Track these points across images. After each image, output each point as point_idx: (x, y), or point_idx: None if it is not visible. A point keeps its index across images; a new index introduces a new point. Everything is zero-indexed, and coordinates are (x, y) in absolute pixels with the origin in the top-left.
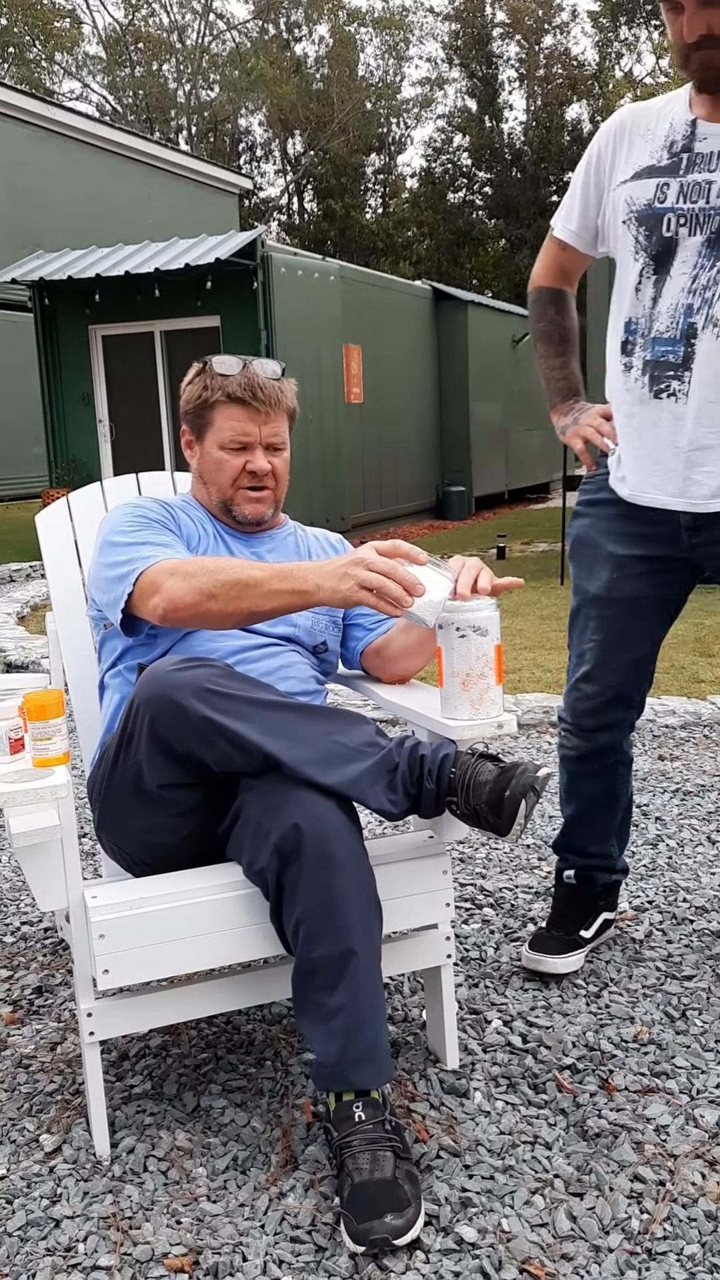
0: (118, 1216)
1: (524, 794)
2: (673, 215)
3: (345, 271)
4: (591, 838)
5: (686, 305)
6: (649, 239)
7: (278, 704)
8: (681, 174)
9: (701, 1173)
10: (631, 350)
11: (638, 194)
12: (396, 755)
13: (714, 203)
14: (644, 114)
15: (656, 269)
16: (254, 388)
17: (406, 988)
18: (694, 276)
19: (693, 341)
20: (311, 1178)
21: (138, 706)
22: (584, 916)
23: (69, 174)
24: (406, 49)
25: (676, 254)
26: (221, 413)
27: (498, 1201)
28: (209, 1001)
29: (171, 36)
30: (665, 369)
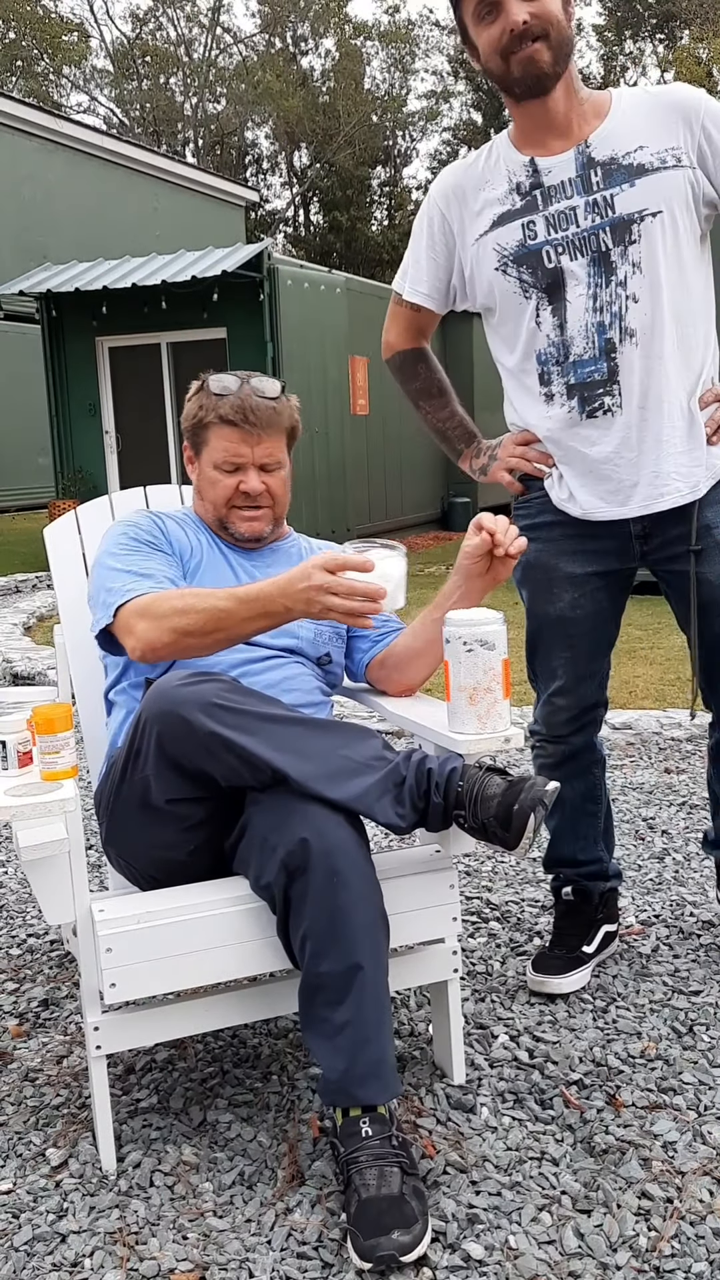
0: (124, 1231)
1: (533, 808)
2: (549, 247)
3: (351, 283)
4: (579, 845)
5: (598, 324)
6: (534, 275)
7: (285, 718)
8: (541, 208)
9: (710, 1190)
10: (550, 380)
11: (505, 239)
12: (404, 769)
13: (584, 225)
14: (469, 170)
15: (552, 300)
16: (246, 410)
17: (413, 1002)
18: (594, 296)
19: (614, 355)
20: (318, 1193)
21: (145, 721)
22: (585, 932)
23: (76, 186)
24: (412, 62)
25: (566, 282)
26: (216, 433)
27: (505, 1218)
28: (215, 1015)
29: (179, 50)
30: (594, 388)
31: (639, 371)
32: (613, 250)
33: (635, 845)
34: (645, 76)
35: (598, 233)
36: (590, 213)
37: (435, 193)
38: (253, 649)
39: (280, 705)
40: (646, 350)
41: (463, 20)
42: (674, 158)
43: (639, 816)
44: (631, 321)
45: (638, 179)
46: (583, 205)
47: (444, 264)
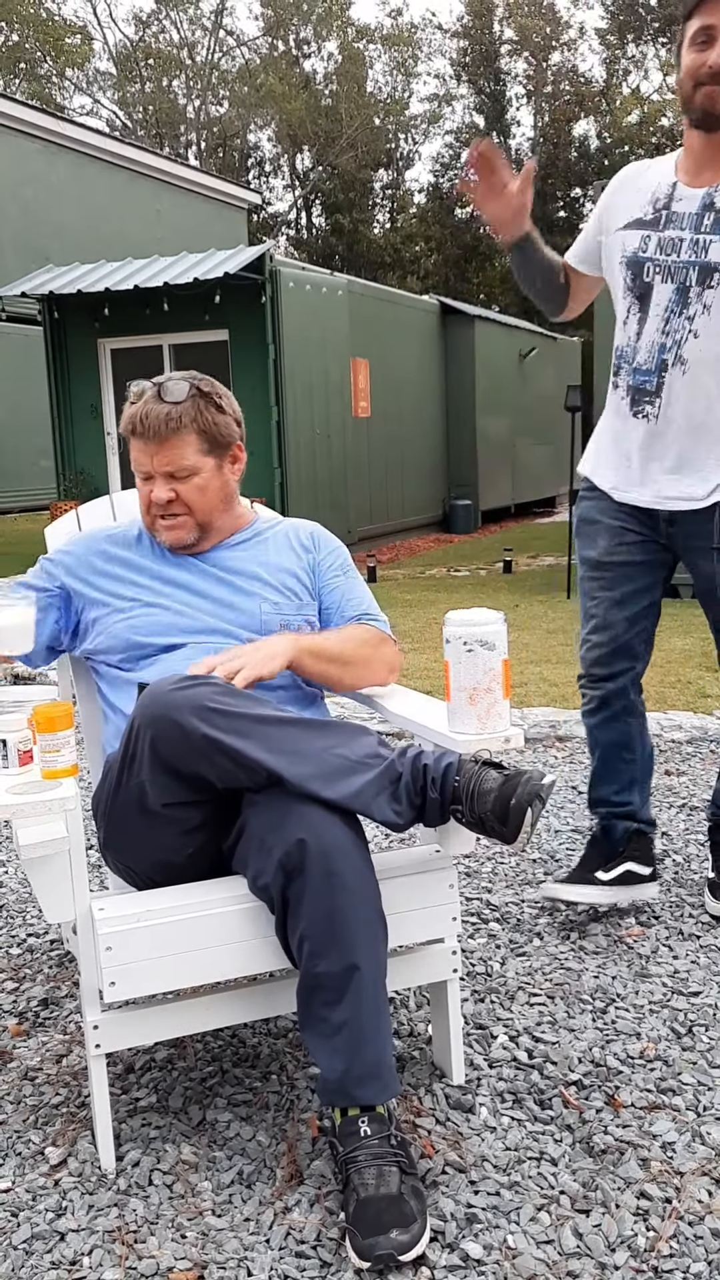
0: (123, 1230)
1: (529, 802)
2: (651, 264)
3: (353, 286)
4: (614, 787)
5: (660, 344)
6: (634, 281)
7: (278, 719)
8: (660, 229)
9: (708, 1190)
10: (619, 373)
11: (629, 241)
12: (399, 766)
13: (684, 257)
14: (640, 172)
15: (640, 308)
16: (136, 421)
17: (413, 1002)
18: (666, 320)
19: (664, 375)
20: (317, 1193)
21: (138, 727)
22: (604, 861)
23: (79, 189)
24: (415, 65)
25: (653, 298)
26: (131, 444)
27: (503, 1218)
28: (215, 1015)
29: (182, 53)
30: (643, 394)
31: (681, 395)
32: (693, 288)
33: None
34: (648, 80)
35: (688, 268)
36: (691, 249)
37: (617, 176)
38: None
39: (272, 706)
40: (692, 379)
41: (683, 36)
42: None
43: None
44: (687, 352)
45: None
46: (688, 240)
47: (592, 240)
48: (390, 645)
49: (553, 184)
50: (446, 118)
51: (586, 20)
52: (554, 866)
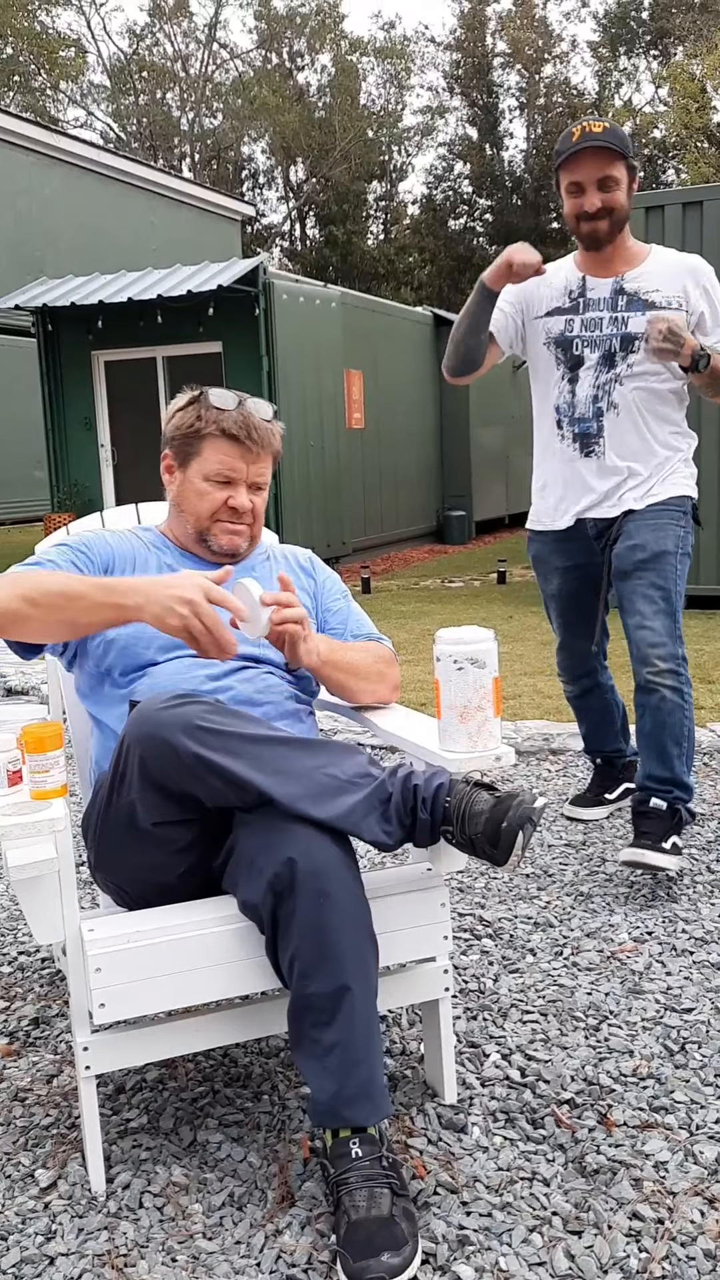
0: (113, 1254)
1: (521, 825)
2: (579, 340)
3: (347, 298)
4: (604, 740)
5: (593, 396)
6: (565, 356)
7: (268, 738)
8: (581, 312)
9: (701, 1210)
10: (563, 426)
11: (552, 326)
12: (390, 785)
13: (605, 332)
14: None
15: (572, 375)
16: (249, 427)
17: (405, 1020)
18: (596, 378)
19: (601, 420)
20: (308, 1215)
21: (128, 745)
22: (609, 785)
23: (73, 201)
24: (408, 78)
25: (584, 365)
26: (212, 445)
27: (495, 1239)
28: (206, 1035)
29: (175, 65)
30: (589, 438)
31: (616, 432)
32: (618, 354)
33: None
34: (639, 93)
35: (612, 339)
36: (611, 325)
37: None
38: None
39: (264, 725)
40: (621, 418)
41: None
42: (677, 301)
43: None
44: (615, 398)
45: (648, 310)
46: (608, 319)
47: (517, 320)
48: (396, 667)
49: (545, 195)
50: (440, 130)
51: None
52: (547, 882)
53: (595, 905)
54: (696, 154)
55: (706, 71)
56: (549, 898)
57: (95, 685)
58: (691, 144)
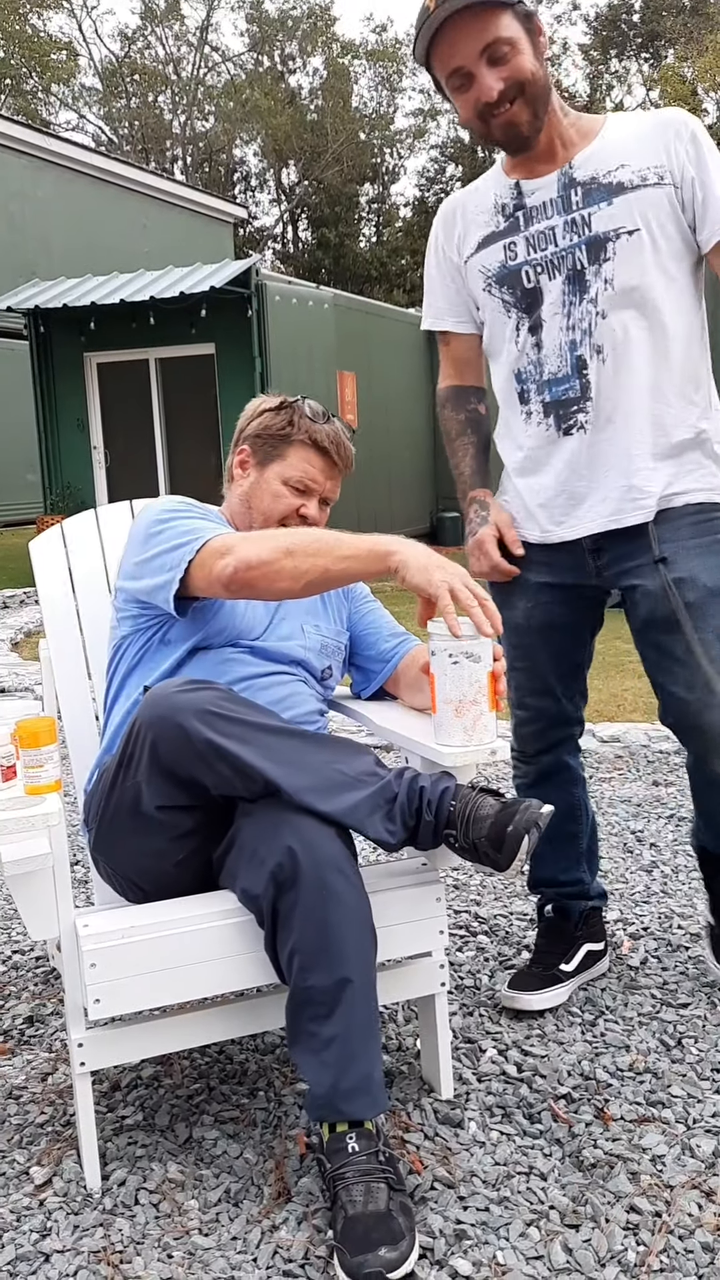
0: (108, 1250)
1: (527, 830)
2: (529, 267)
3: (339, 299)
4: (560, 865)
5: (570, 341)
6: (514, 294)
7: (280, 730)
8: (523, 229)
9: (698, 1203)
10: (529, 398)
11: (488, 260)
12: (396, 786)
13: (561, 245)
14: (468, 196)
15: (530, 318)
16: (339, 444)
17: (401, 1016)
18: (567, 314)
19: (585, 373)
20: (305, 1210)
21: (139, 728)
22: (564, 950)
23: (65, 204)
24: (400, 80)
25: (543, 300)
26: (299, 452)
27: (493, 1234)
28: (201, 1031)
29: (167, 68)
30: (568, 406)
31: (608, 388)
32: (587, 269)
33: (624, 858)
34: (631, 95)
35: (574, 251)
36: (568, 232)
37: (438, 217)
38: (260, 663)
39: (276, 717)
40: (615, 366)
41: (441, 88)
42: (655, 175)
43: (627, 829)
44: (599, 338)
45: (615, 197)
46: (561, 225)
47: (455, 284)
48: None
49: None
50: (431, 132)
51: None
52: None
53: None
54: None
55: (698, 74)
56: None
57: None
58: None
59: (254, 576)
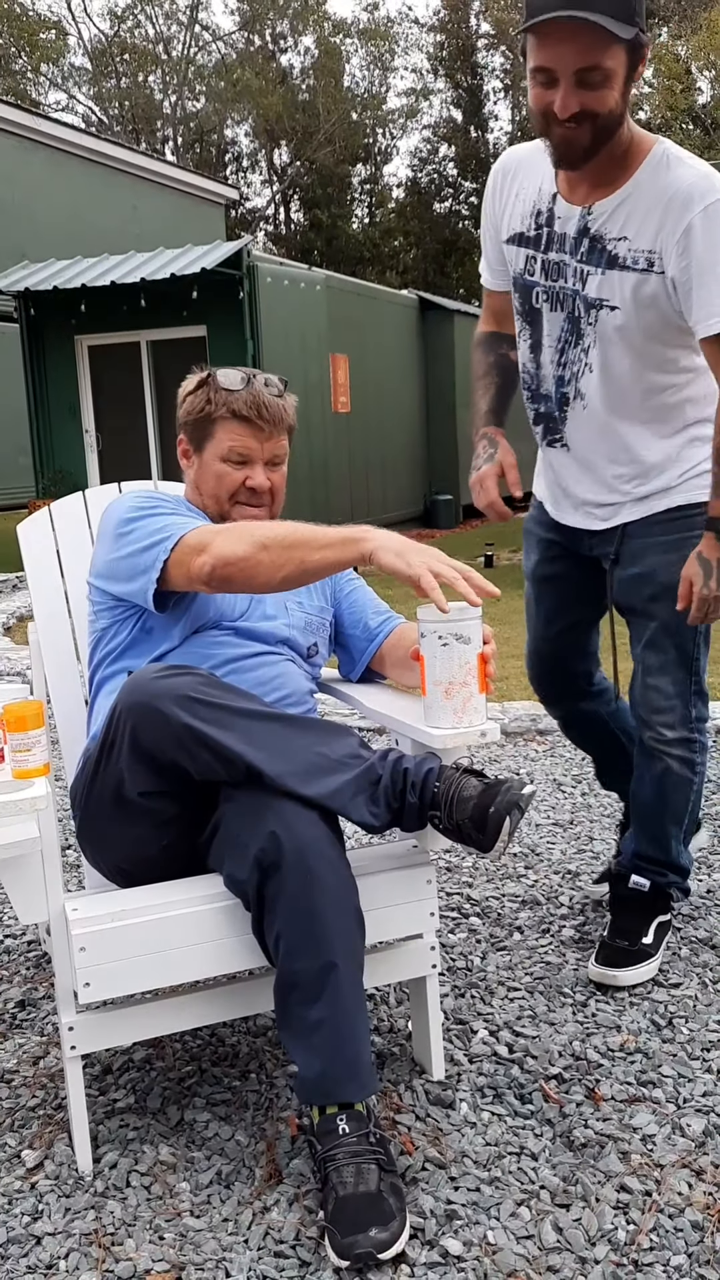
0: (100, 1233)
1: (508, 811)
2: (539, 289)
3: (332, 281)
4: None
5: (559, 376)
6: (523, 305)
7: (261, 714)
8: (543, 250)
9: (688, 1183)
10: (532, 399)
11: (514, 259)
12: (380, 768)
13: (570, 284)
14: (524, 164)
15: (532, 334)
16: (259, 406)
17: (392, 998)
18: (560, 350)
19: (565, 408)
20: (296, 1192)
21: (120, 713)
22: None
23: (55, 185)
24: (392, 60)
25: (544, 326)
26: (224, 427)
27: (483, 1213)
28: (192, 1014)
29: (157, 48)
30: (550, 421)
31: (582, 430)
32: (583, 319)
33: (615, 838)
34: None
35: (576, 297)
36: (574, 277)
37: (496, 168)
38: (246, 643)
39: (258, 701)
40: (591, 415)
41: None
42: (646, 261)
43: (619, 810)
44: (584, 387)
45: (609, 269)
46: (571, 266)
47: (495, 245)
48: None
49: None
50: (424, 112)
51: None
52: (535, 860)
53: (582, 883)
54: (682, 135)
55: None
56: (536, 876)
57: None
58: (676, 125)
59: (232, 572)
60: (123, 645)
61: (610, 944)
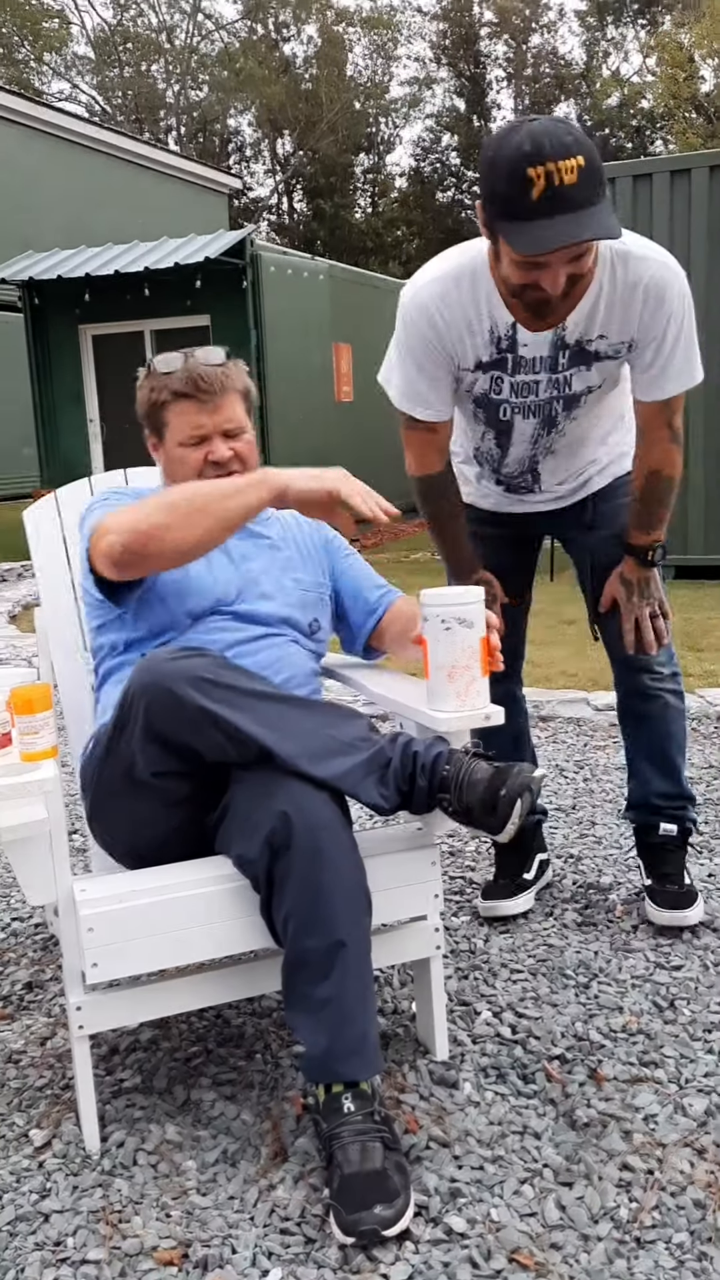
0: (107, 1210)
1: (520, 793)
2: (508, 406)
3: (335, 270)
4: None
5: (530, 456)
6: (489, 419)
7: (273, 695)
8: (510, 373)
9: (690, 1161)
10: (482, 465)
11: (477, 384)
12: (389, 751)
13: (541, 396)
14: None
15: (498, 438)
16: (195, 380)
17: (396, 980)
18: (533, 443)
19: (537, 469)
20: (301, 1170)
21: (133, 694)
22: (522, 859)
23: (58, 174)
24: (394, 49)
25: (514, 433)
26: (172, 410)
27: (487, 1191)
28: (199, 995)
29: (160, 37)
30: (518, 485)
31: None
32: (560, 414)
33: (617, 824)
34: (627, 63)
35: (553, 403)
36: (550, 387)
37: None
38: (248, 626)
39: (269, 683)
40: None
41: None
42: (626, 347)
43: (621, 795)
44: (554, 446)
45: (594, 363)
46: (545, 381)
47: (448, 381)
48: None
49: None
50: (427, 101)
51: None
52: None
53: (584, 867)
54: (685, 124)
55: (695, 40)
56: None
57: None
58: (680, 114)
59: (143, 542)
60: (122, 639)
61: (662, 890)
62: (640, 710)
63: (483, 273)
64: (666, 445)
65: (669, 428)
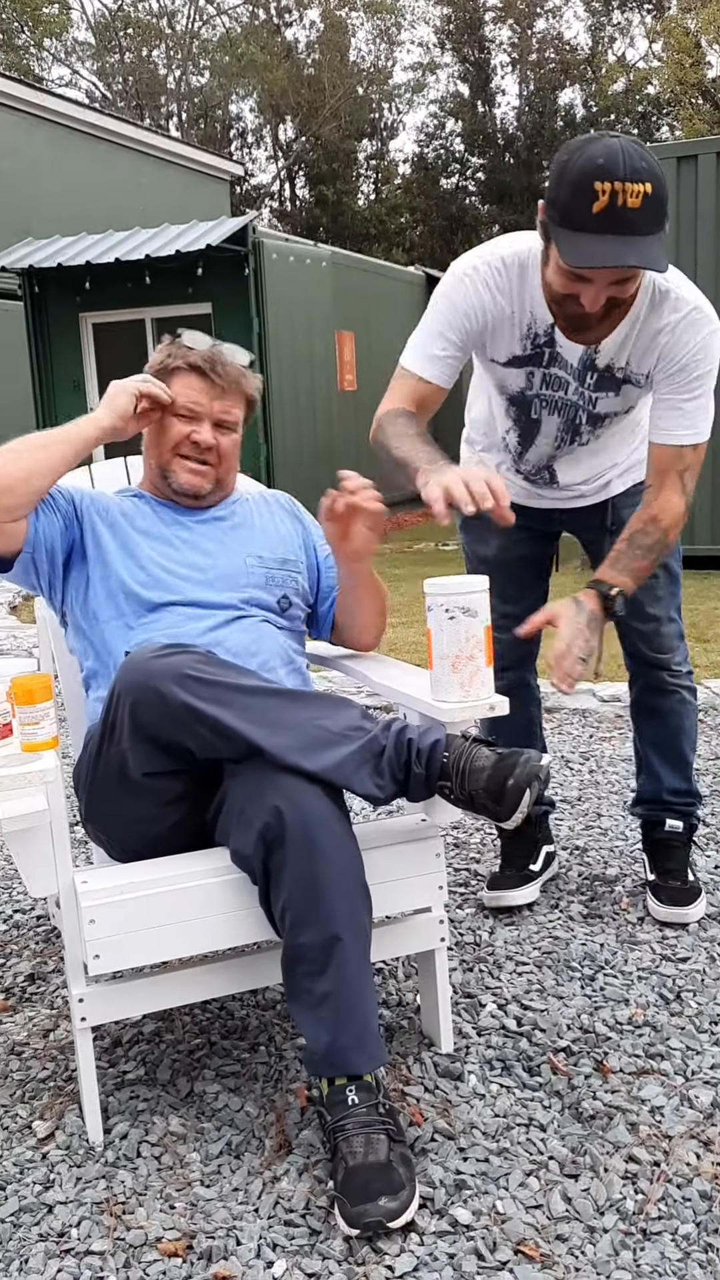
0: (111, 1202)
1: (529, 782)
2: (539, 400)
3: (337, 257)
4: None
5: (550, 455)
6: (519, 417)
7: (259, 689)
8: (544, 365)
9: (696, 1153)
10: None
11: (510, 380)
12: (383, 739)
13: (570, 397)
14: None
15: (522, 435)
16: (215, 362)
17: (401, 972)
18: (557, 443)
19: (553, 467)
20: (306, 1162)
21: (118, 694)
22: (528, 850)
23: (59, 161)
24: (398, 34)
25: (541, 428)
26: (179, 379)
27: (492, 1183)
28: (202, 986)
29: (161, 22)
30: (537, 477)
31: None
32: (585, 428)
33: (623, 816)
34: (633, 48)
35: (579, 411)
36: (577, 398)
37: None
38: (211, 612)
39: (255, 676)
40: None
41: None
42: (649, 378)
43: (627, 787)
44: (575, 452)
45: (620, 388)
46: (574, 387)
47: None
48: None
49: (538, 153)
50: (431, 87)
51: None
52: None
53: (590, 859)
54: (691, 110)
55: (701, 26)
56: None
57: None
58: (686, 100)
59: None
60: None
61: (665, 885)
62: (655, 705)
63: (533, 268)
64: (670, 495)
65: (680, 480)
